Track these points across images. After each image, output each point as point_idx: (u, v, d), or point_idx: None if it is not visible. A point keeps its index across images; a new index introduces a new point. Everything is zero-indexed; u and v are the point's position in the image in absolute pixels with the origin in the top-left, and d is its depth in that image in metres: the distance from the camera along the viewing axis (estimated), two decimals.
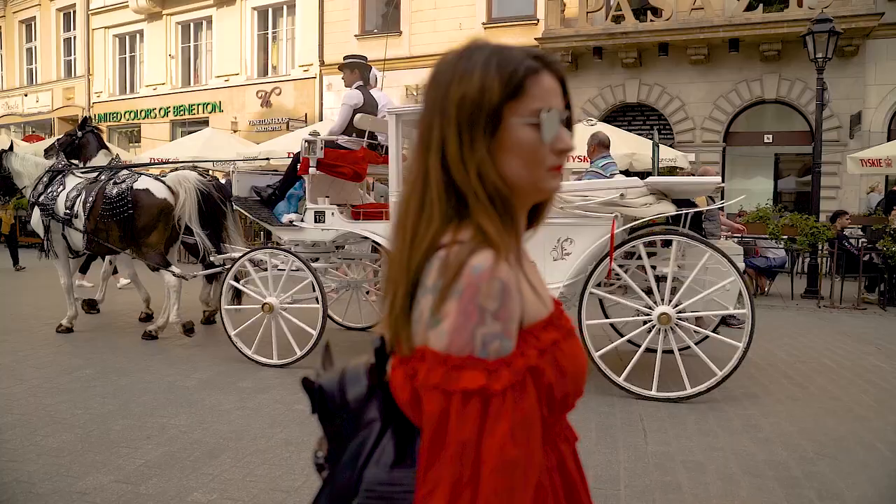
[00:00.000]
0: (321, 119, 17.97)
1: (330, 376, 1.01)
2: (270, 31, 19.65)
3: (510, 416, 0.82)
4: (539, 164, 0.94)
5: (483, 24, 16.62)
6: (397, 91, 17.49)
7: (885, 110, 13.56)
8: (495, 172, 0.92)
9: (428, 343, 0.87)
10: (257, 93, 19.28)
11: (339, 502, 0.93)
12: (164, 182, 6.38)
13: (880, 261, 8.68)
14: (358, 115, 5.59)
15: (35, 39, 24.31)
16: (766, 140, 14.71)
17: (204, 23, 20.62)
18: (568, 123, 0.98)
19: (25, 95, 24.05)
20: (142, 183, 6.38)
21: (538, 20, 15.99)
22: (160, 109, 21.00)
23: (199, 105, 20.28)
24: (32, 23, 24.32)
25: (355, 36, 18.02)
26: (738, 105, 14.67)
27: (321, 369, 1.05)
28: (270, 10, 19.55)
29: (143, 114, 21.27)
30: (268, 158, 12.04)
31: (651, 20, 14.31)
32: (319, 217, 5.58)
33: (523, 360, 0.86)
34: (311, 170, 5.54)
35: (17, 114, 24.29)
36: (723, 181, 15.00)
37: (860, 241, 9.22)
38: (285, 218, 5.80)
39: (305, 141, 5.57)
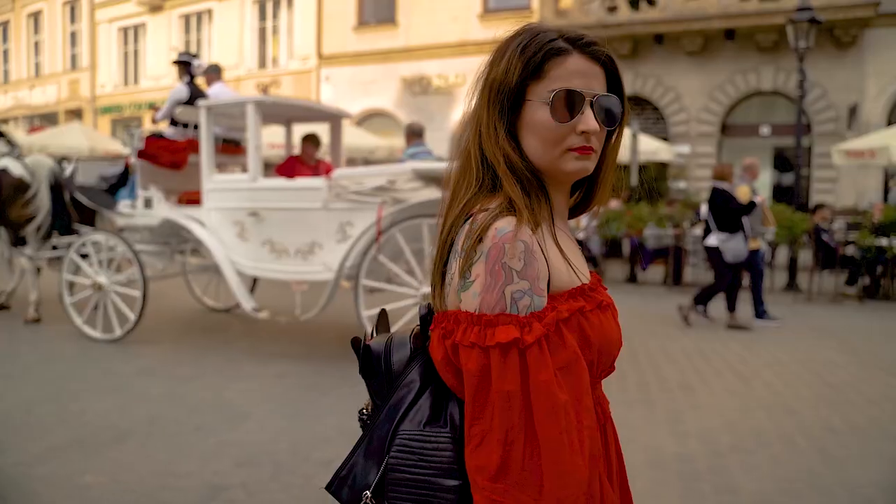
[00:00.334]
0: None
1: (379, 340, 1.06)
2: (270, 23, 19.70)
3: (549, 363, 0.86)
4: (554, 144, 0.96)
5: (478, 15, 16.50)
6: (394, 83, 17.47)
7: (883, 101, 13.26)
8: (512, 150, 0.97)
9: (461, 305, 0.91)
10: (256, 85, 19.35)
11: (373, 456, 0.98)
12: (22, 163, 6.77)
13: (857, 254, 8.49)
14: (178, 108, 6.13)
15: (42, 32, 24.64)
16: (762, 132, 14.46)
17: (205, 15, 20.73)
18: (606, 104, 0.98)
19: (32, 88, 24.39)
20: (1, 164, 6.78)
21: (532, 11, 15.84)
22: (162, 102, 21.14)
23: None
24: (39, 16, 24.64)
25: (352, 28, 18.01)
26: (733, 96, 14.44)
27: (374, 332, 1.11)
28: (270, 2, 19.60)
29: (146, 106, 21.44)
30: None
31: (646, 11, 14.12)
32: (148, 203, 5.98)
33: (555, 314, 0.89)
34: (132, 159, 6.07)
35: (25, 106, 24.66)
36: None
37: (846, 234, 9.02)
38: (120, 205, 6.22)
39: (128, 133, 6.08)
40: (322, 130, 7.11)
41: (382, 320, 1.15)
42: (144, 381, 4.84)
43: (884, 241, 8.23)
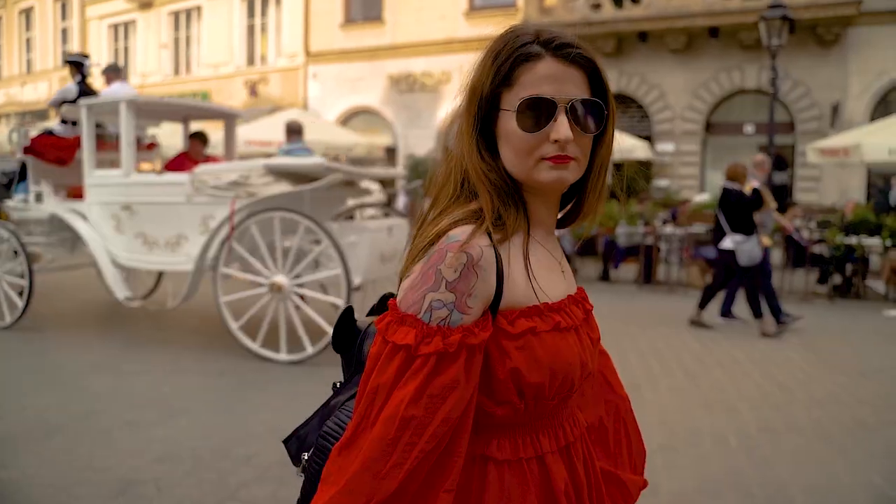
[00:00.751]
0: (306, 108, 18.00)
1: (366, 320, 1.06)
2: (259, 20, 19.68)
3: (423, 379, 0.85)
4: (526, 154, 0.93)
5: (464, 12, 16.47)
6: (381, 81, 17.45)
7: (866, 99, 13.21)
8: (482, 161, 0.95)
9: (396, 295, 0.93)
10: (244, 82, 19.35)
11: (322, 420, 1.01)
12: None
13: (827, 252, 8.45)
14: (64, 107, 6.35)
15: (33, 29, 24.66)
16: (746, 131, 14.41)
17: (194, 12, 20.72)
18: (584, 109, 0.93)
19: (23, 84, 24.41)
20: None
21: (518, 9, 15.81)
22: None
23: (188, 95, 20.39)
24: (31, 12, 24.67)
25: (339, 25, 17.99)
26: (718, 94, 14.40)
27: (374, 310, 1.10)
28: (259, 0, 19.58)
29: None
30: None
31: (630, 8, 14.08)
32: (39, 197, 6.24)
33: (462, 337, 0.86)
34: (18, 155, 6.39)
35: (16, 103, 24.68)
36: (703, 171, 14.78)
37: (816, 232, 8.98)
38: (14, 199, 6.49)
39: (14, 131, 6.36)
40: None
41: (385, 302, 1.13)
42: (90, 376, 4.84)
43: (853, 240, 8.20)
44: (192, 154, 6.57)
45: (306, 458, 0.99)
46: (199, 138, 6.68)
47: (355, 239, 5.34)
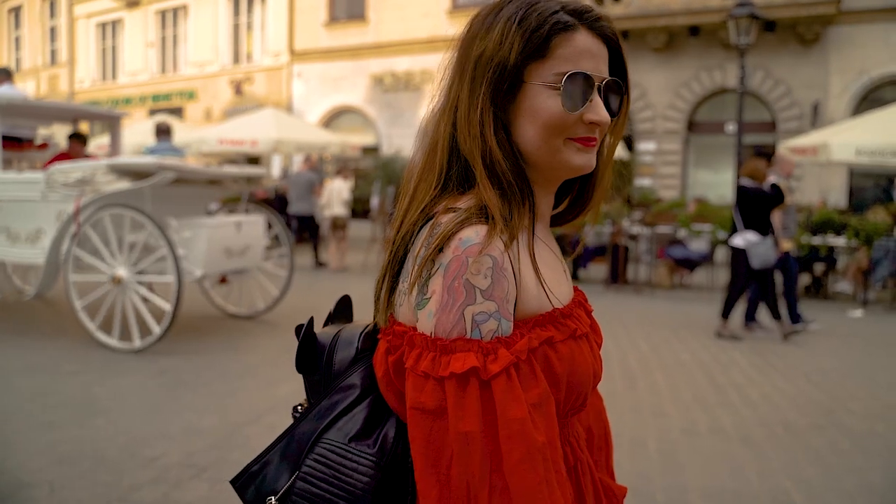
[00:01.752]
0: (290, 107, 17.99)
1: (328, 331, 0.95)
2: (244, 18, 19.68)
3: (521, 397, 0.74)
4: (556, 133, 0.84)
5: (447, 11, 16.44)
6: (364, 80, 17.44)
7: (846, 98, 13.15)
8: (498, 144, 0.83)
9: (418, 325, 0.79)
10: (230, 81, 19.34)
11: (290, 458, 0.87)
12: None
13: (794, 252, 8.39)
14: None
15: (22, 27, 24.68)
16: (727, 130, 14.35)
17: (181, 11, 20.72)
18: (609, 90, 0.87)
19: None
20: None
21: None
22: (139, 98, 21.19)
23: (175, 94, 20.41)
24: (20, 11, 24.70)
25: (323, 24, 17.97)
26: (699, 93, 14.35)
27: (330, 320, 1.00)
28: None
29: (123, 102, 21.49)
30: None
31: (610, 7, 14.02)
32: None
33: (526, 341, 0.77)
34: None
35: None
36: (684, 171, 14.72)
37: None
38: None
39: None
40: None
41: (343, 308, 1.02)
42: (23, 377, 4.82)
43: (817, 240, 8.15)
44: (72, 154, 6.80)
45: (274, 502, 0.85)
46: (77, 139, 6.95)
47: (190, 234, 5.69)
